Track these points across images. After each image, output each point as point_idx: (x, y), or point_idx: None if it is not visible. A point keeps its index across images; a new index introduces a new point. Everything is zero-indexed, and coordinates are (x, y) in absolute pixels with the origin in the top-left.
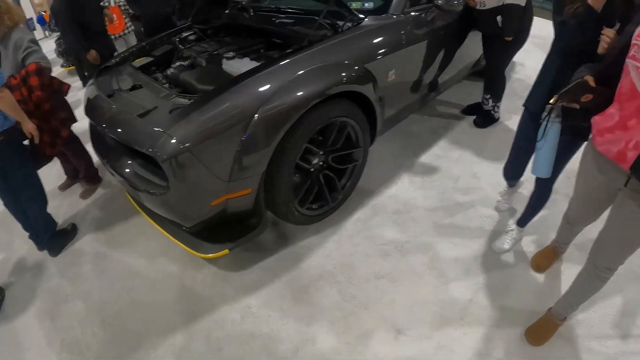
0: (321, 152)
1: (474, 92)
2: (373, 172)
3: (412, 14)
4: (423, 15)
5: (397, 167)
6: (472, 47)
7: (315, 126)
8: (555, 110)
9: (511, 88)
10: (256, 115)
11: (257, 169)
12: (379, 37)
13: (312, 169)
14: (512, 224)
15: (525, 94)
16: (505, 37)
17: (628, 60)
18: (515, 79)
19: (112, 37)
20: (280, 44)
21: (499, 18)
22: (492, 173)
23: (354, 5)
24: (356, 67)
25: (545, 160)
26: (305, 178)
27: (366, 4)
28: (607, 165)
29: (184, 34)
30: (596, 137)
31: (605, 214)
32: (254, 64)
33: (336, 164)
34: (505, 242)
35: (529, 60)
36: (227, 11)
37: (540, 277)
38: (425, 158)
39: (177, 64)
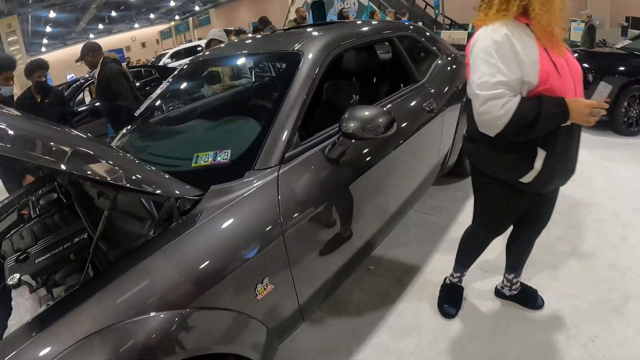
0: None
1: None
2: None
3: (301, 158)
4: (327, 151)
5: None
6: (435, 140)
7: None
8: None
9: None
10: None
11: None
12: (225, 234)
13: None
14: None
15: None
16: None
17: None
18: None
19: None
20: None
21: None
22: None
23: (201, 160)
24: (177, 319)
25: None
26: None
27: (219, 157)
28: None
29: (44, 191)
30: None
31: None
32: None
33: None
34: None
35: None
36: None
37: None
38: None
39: None
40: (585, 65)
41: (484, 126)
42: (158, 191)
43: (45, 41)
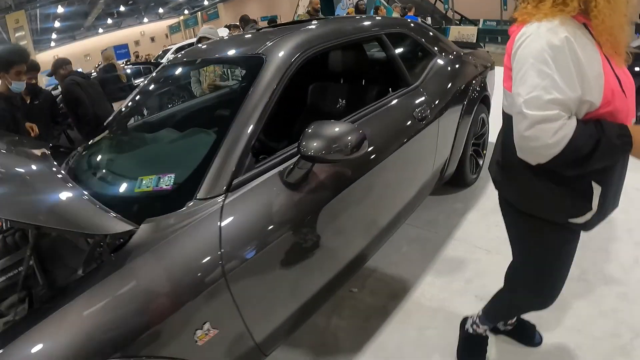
0: None
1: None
2: None
3: (254, 184)
4: (286, 175)
5: None
6: (429, 149)
7: None
8: None
9: None
10: None
11: None
12: (153, 277)
13: None
14: None
15: None
16: None
17: None
18: None
19: None
20: None
21: None
22: None
23: (144, 184)
24: None
25: None
26: None
27: (162, 182)
28: None
29: None
30: None
31: None
32: None
33: None
34: None
35: None
36: None
37: None
38: None
39: None
40: None
41: (526, 152)
42: (83, 228)
43: (54, 36)
